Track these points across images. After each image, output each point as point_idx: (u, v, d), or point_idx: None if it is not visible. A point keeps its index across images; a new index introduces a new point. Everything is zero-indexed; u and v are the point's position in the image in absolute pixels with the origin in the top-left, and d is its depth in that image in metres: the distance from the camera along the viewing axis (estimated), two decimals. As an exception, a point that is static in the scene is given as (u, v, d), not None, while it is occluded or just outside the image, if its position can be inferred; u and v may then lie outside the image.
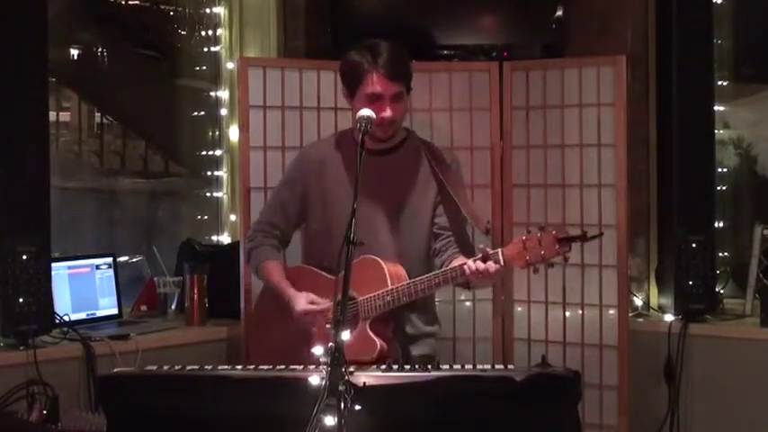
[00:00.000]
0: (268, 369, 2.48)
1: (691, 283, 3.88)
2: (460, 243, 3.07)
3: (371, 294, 2.86)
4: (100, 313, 3.84)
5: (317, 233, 3.12)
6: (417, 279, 2.86)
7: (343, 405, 2.00)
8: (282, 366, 2.49)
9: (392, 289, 2.85)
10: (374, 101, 2.93)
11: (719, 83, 4.22)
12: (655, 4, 4.18)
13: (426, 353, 3.06)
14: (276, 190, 3.29)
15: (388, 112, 2.94)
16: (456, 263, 2.93)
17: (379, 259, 2.90)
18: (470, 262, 2.79)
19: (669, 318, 3.96)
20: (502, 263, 2.77)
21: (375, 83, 2.92)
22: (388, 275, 2.87)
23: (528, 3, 4.16)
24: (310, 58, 4.21)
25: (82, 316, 3.75)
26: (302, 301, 2.98)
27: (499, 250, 2.78)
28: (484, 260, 2.78)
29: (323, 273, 3.03)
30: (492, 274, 2.77)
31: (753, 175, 4.50)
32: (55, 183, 3.72)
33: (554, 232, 2.70)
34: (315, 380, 2.18)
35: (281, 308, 3.05)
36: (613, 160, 3.78)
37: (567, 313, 3.87)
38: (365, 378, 2.25)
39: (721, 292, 4.06)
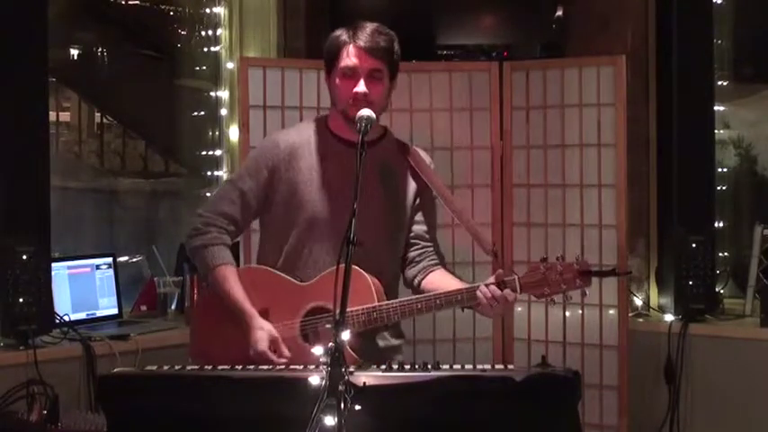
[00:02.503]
0: (268, 369, 2.48)
1: (691, 283, 3.88)
2: (438, 254, 2.87)
3: (355, 309, 2.61)
4: (100, 313, 3.84)
5: (278, 230, 2.83)
6: (414, 298, 2.65)
7: (343, 405, 1.99)
8: (282, 366, 2.49)
9: (380, 306, 2.63)
10: (349, 76, 2.72)
11: (719, 83, 4.22)
12: (655, 3, 4.18)
13: None
14: (236, 178, 2.90)
15: (361, 87, 2.70)
16: (437, 277, 2.76)
17: (362, 271, 2.62)
18: (483, 287, 2.61)
19: (669, 318, 3.96)
20: (519, 291, 2.61)
21: (351, 55, 2.72)
22: (374, 290, 2.65)
23: (528, 3, 4.16)
24: (310, 58, 4.21)
25: (82, 316, 3.75)
26: (264, 338, 2.65)
27: (515, 277, 2.61)
28: (499, 286, 2.60)
29: (289, 278, 2.76)
30: (509, 302, 2.60)
31: (753, 175, 4.50)
32: (55, 183, 3.72)
33: (576, 266, 2.57)
34: (315, 380, 2.17)
35: (229, 318, 2.74)
36: (613, 160, 3.78)
37: (567, 313, 3.87)
38: (365, 378, 2.25)
39: (721, 292, 4.07)
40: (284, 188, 2.81)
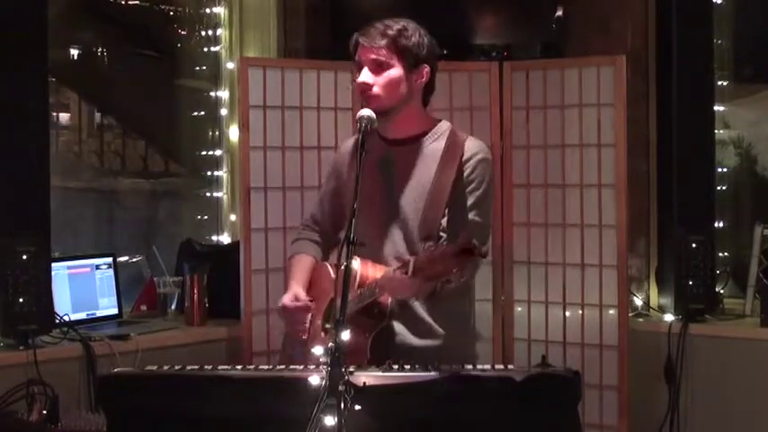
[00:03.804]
0: (268, 369, 2.48)
1: (691, 283, 3.88)
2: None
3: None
4: (100, 313, 3.84)
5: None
6: (365, 287, 2.64)
7: (343, 405, 1.99)
8: (282, 366, 2.49)
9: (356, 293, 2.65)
10: (358, 70, 2.79)
11: (719, 83, 4.23)
12: (655, 3, 4.18)
13: None
14: (322, 185, 3.18)
15: (361, 77, 2.75)
16: None
17: (358, 261, 2.66)
18: (390, 270, 2.59)
19: (669, 318, 3.96)
20: (410, 273, 2.44)
21: (358, 51, 2.80)
22: (358, 279, 2.65)
23: (528, 3, 4.16)
24: (310, 58, 4.21)
25: (82, 316, 3.75)
26: (287, 296, 2.86)
27: (411, 259, 2.47)
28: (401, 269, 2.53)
29: (331, 271, 2.91)
30: (396, 282, 2.54)
31: (753, 175, 4.50)
32: (55, 183, 3.72)
33: (459, 244, 2.35)
34: (315, 380, 2.17)
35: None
36: (613, 160, 3.78)
37: (567, 313, 3.87)
38: (365, 378, 2.25)
39: (721, 292, 4.07)
40: (347, 191, 2.94)
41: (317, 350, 2.41)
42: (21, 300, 3.30)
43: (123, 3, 4.76)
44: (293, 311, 2.83)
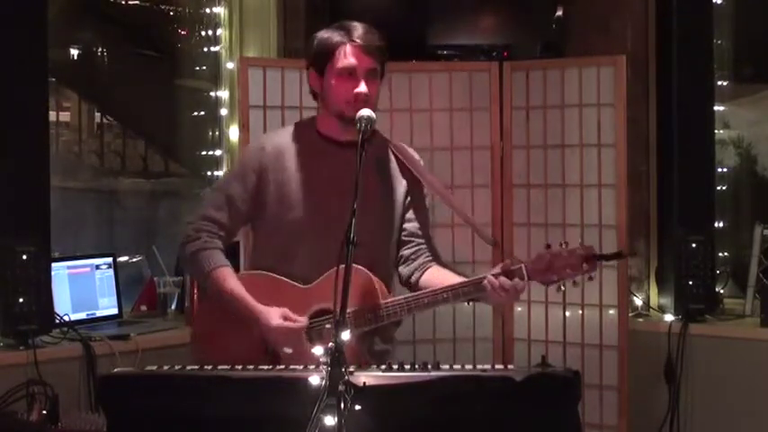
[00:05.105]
0: (268, 369, 2.48)
1: (691, 283, 3.88)
2: (431, 250, 2.80)
3: (361, 307, 2.60)
4: (100, 313, 3.84)
5: (269, 232, 2.79)
6: (421, 293, 2.64)
7: (343, 405, 1.99)
8: (282, 366, 2.49)
9: (387, 303, 2.62)
10: (346, 76, 2.66)
11: (719, 83, 4.22)
12: (655, 3, 4.18)
13: None
14: (223, 183, 2.94)
15: (362, 87, 2.65)
16: (435, 273, 2.71)
17: (365, 269, 2.61)
18: (491, 277, 2.57)
19: (669, 318, 3.96)
20: (526, 279, 2.59)
21: (349, 55, 2.66)
22: (378, 289, 2.64)
23: (528, 3, 4.16)
24: (310, 58, 4.21)
25: (82, 316, 3.75)
26: (276, 316, 2.64)
27: (522, 265, 2.59)
28: (507, 275, 2.57)
29: (290, 281, 2.72)
30: (518, 291, 2.58)
31: (753, 175, 4.50)
32: (55, 183, 3.72)
33: (581, 251, 2.57)
34: (315, 380, 2.17)
35: (231, 322, 2.71)
36: (613, 160, 3.78)
37: (567, 313, 3.87)
38: (365, 378, 2.25)
39: (721, 292, 4.07)
40: (273, 190, 2.76)
41: (318, 350, 2.40)
42: (21, 300, 3.30)
43: (123, 3, 4.77)
44: (290, 332, 2.65)
